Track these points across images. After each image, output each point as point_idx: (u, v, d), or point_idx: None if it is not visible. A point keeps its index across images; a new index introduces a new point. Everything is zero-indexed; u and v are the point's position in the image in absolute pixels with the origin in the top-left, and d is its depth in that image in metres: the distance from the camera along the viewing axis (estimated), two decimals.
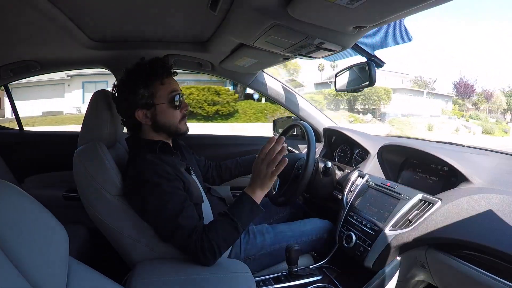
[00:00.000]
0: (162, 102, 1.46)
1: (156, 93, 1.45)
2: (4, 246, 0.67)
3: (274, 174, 1.38)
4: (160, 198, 1.31)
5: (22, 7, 1.26)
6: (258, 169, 1.39)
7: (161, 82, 1.46)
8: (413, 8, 0.98)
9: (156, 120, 1.48)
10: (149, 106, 1.45)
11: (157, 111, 1.46)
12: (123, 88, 1.46)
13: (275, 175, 1.38)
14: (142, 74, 1.44)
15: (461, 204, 1.20)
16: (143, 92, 1.42)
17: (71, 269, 0.84)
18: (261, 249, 1.64)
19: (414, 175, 1.65)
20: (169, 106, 1.48)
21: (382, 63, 1.65)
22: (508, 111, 41.83)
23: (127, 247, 1.43)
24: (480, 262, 1.09)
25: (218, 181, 2.05)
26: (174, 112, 1.50)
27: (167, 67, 1.49)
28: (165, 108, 1.47)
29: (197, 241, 1.29)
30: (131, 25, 1.73)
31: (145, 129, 1.51)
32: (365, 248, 1.48)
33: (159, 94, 1.45)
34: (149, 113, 1.46)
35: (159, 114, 1.47)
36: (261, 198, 1.42)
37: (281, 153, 1.37)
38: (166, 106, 1.47)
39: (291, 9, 1.10)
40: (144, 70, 1.45)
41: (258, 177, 1.40)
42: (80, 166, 1.40)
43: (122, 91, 1.47)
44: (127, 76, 1.46)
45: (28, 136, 2.72)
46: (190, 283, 1.27)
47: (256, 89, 2.56)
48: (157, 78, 1.45)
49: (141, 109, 1.44)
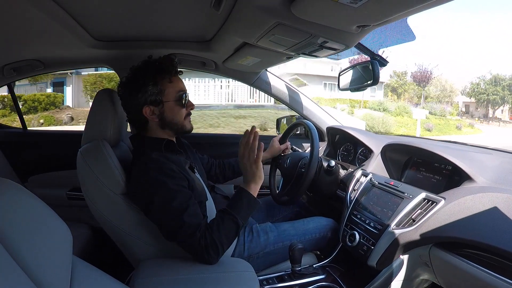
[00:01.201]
0: (170, 99, 1.48)
1: (165, 91, 1.47)
2: (8, 245, 0.67)
3: (257, 161, 1.44)
4: (165, 196, 1.32)
5: (26, 6, 1.26)
6: (243, 163, 1.45)
7: (170, 80, 1.49)
8: (417, 7, 0.98)
9: (163, 117, 1.49)
10: (157, 103, 1.47)
11: (165, 108, 1.48)
12: (132, 85, 1.47)
13: (258, 162, 1.44)
14: (151, 71, 1.46)
15: (464, 203, 1.20)
16: (152, 89, 1.44)
17: (74, 268, 0.85)
18: (264, 247, 1.64)
19: (418, 174, 1.64)
20: (176, 104, 1.50)
21: (386, 62, 1.65)
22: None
23: (131, 246, 1.44)
24: (484, 261, 1.09)
25: (221, 179, 2.07)
26: (180, 110, 1.51)
27: (176, 66, 1.51)
28: (173, 105, 1.49)
29: (201, 239, 1.30)
30: (135, 24, 1.73)
31: (151, 126, 1.52)
32: (369, 247, 1.48)
33: (167, 92, 1.47)
34: (156, 110, 1.48)
35: (166, 111, 1.49)
36: (257, 190, 1.47)
37: (255, 140, 1.43)
38: (173, 103, 1.49)
39: (294, 8, 1.10)
40: (154, 67, 1.47)
41: (246, 170, 1.46)
42: (83, 165, 1.40)
43: (130, 88, 1.48)
44: (136, 73, 1.48)
45: (31, 136, 2.73)
46: (193, 282, 1.27)
47: (260, 88, 2.56)
48: (166, 76, 1.48)
49: (149, 106, 1.46)
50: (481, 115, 40.70)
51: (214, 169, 2.05)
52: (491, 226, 1.09)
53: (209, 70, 2.40)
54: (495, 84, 39.12)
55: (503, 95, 38.44)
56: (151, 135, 1.53)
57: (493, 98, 38.52)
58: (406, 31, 1.46)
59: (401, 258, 1.40)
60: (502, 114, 40.44)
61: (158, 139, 1.51)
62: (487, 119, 39.52)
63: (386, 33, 1.46)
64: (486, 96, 38.98)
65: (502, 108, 40.49)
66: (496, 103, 39.26)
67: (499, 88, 38.58)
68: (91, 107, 1.54)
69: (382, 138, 2.00)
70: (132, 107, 1.49)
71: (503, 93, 38.45)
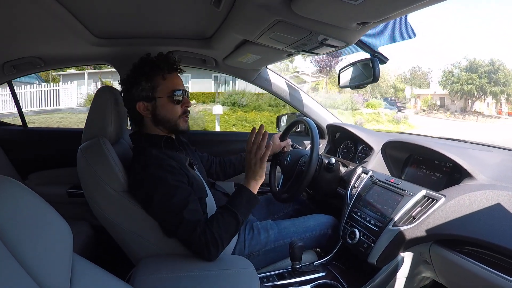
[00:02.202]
0: (162, 96, 1.49)
1: (157, 87, 1.49)
2: (8, 242, 0.67)
3: (262, 160, 1.46)
4: (165, 192, 1.33)
5: (27, 4, 1.26)
6: (249, 159, 1.47)
7: (163, 77, 1.50)
8: (417, 5, 0.98)
9: (155, 114, 1.51)
10: (149, 99, 1.49)
11: (157, 104, 1.50)
12: (128, 81, 1.51)
13: (264, 161, 1.46)
14: (145, 67, 1.49)
15: (465, 200, 1.20)
16: (144, 84, 1.47)
17: (75, 266, 0.85)
18: (265, 245, 1.64)
19: (418, 171, 1.64)
20: (168, 101, 1.51)
21: (386, 59, 1.65)
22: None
23: (131, 243, 1.44)
24: (484, 258, 1.09)
25: (222, 176, 2.07)
26: (174, 107, 1.52)
27: (170, 63, 1.52)
28: (165, 102, 1.50)
29: (201, 235, 1.30)
30: (135, 21, 1.73)
31: (146, 122, 1.54)
32: (369, 245, 1.48)
33: (160, 88, 1.49)
34: (149, 106, 1.50)
35: (158, 107, 1.50)
36: (257, 188, 1.48)
37: (264, 139, 1.46)
38: (166, 100, 1.50)
39: (294, 5, 1.10)
40: (148, 64, 1.49)
41: (250, 167, 1.47)
42: (84, 162, 1.41)
43: (126, 84, 1.52)
44: (133, 69, 1.51)
45: (31, 133, 2.74)
46: (194, 279, 1.27)
47: (260, 85, 2.56)
48: (159, 72, 1.49)
49: (142, 102, 1.49)
50: (458, 108, 34.13)
51: (215, 167, 2.05)
52: (491, 224, 1.09)
53: (210, 68, 2.39)
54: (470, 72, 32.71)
55: (481, 84, 31.85)
56: (148, 131, 1.55)
57: (468, 88, 32.18)
58: (406, 28, 1.46)
59: (402, 255, 1.41)
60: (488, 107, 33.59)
61: (157, 136, 1.52)
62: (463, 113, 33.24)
63: (386, 30, 1.46)
64: (459, 86, 32.65)
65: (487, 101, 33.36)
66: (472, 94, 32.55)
67: (475, 76, 32.15)
68: (91, 104, 1.54)
69: (383, 136, 2.00)
70: (128, 103, 1.53)
71: (479, 81, 31.85)
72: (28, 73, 2.45)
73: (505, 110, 32.65)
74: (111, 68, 2.35)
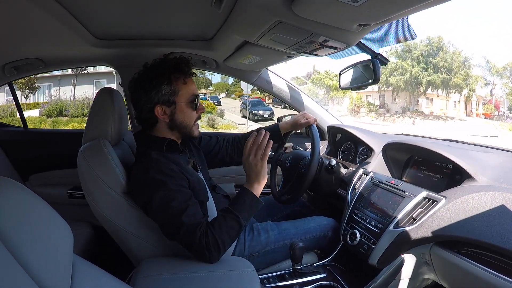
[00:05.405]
0: (182, 101, 1.46)
1: (179, 91, 1.45)
2: (8, 243, 0.67)
3: (263, 159, 1.44)
4: (164, 195, 1.31)
5: (27, 5, 1.26)
6: (248, 162, 1.45)
7: (184, 81, 1.47)
8: (417, 6, 0.98)
9: (173, 118, 1.47)
10: (170, 103, 1.44)
11: (177, 109, 1.46)
12: (145, 83, 1.44)
13: (265, 160, 1.44)
14: (167, 70, 1.43)
15: (465, 201, 1.20)
16: (166, 88, 1.42)
17: (75, 267, 0.85)
18: (265, 246, 1.64)
19: (419, 172, 1.64)
20: (188, 106, 1.48)
21: (387, 60, 1.65)
22: None
23: (132, 245, 1.44)
24: (485, 259, 1.09)
25: (236, 156, 1.98)
26: (191, 112, 1.50)
27: (191, 67, 1.49)
28: (184, 107, 1.47)
29: (202, 237, 1.29)
30: (136, 23, 1.74)
31: (160, 126, 1.50)
32: (369, 246, 1.48)
33: (181, 93, 1.45)
34: (168, 110, 1.46)
35: (178, 112, 1.47)
36: (260, 191, 1.46)
37: (265, 138, 1.45)
38: (185, 105, 1.47)
39: (295, 6, 1.10)
40: (169, 66, 1.45)
41: (250, 169, 1.45)
42: (84, 164, 1.40)
43: (143, 86, 1.44)
44: (150, 70, 1.45)
45: (32, 134, 2.74)
46: (194, 281, 1.27)
47: (260, 86, 2.56)
48: (181, 76, 1.46)
49: (161, 106, 1.44)
50: (400, 108, 28.82)
51: (225, 150, 1.96)
52: (492, 225, 1.09)
53: (210, 69, 2.40)
54: (403, 58, 26.96)
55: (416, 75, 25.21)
56: (156, 134, 1.51)
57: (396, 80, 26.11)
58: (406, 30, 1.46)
59: (402, 257, 1.41)
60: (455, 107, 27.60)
61: (161, 138, 1.49)
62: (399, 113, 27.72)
63: (387, 31, 1.46)
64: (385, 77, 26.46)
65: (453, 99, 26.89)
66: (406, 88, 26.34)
67: (407, 63, 26.06)
68: (92, 106, 1.54)
69: (383, 137, 2.00)
70: (144, 105, 1.46)
71: (412, 70, 25.54)
72: (29, 74, 2.44)
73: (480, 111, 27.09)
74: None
